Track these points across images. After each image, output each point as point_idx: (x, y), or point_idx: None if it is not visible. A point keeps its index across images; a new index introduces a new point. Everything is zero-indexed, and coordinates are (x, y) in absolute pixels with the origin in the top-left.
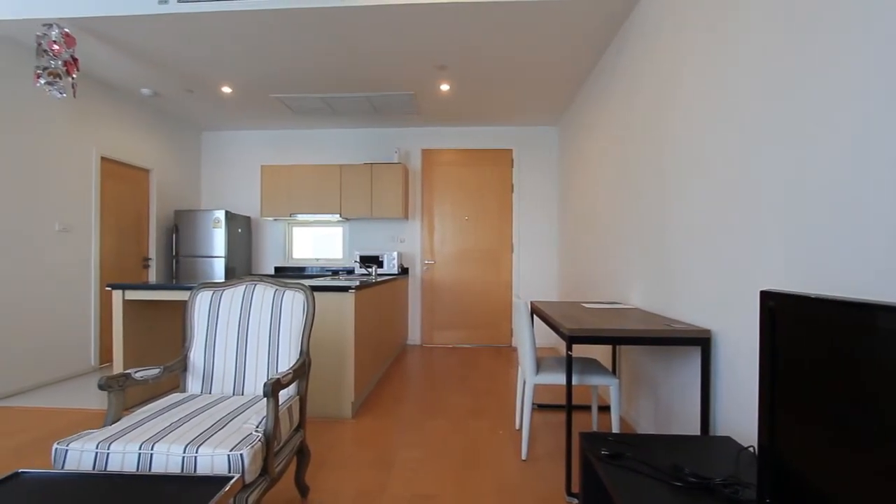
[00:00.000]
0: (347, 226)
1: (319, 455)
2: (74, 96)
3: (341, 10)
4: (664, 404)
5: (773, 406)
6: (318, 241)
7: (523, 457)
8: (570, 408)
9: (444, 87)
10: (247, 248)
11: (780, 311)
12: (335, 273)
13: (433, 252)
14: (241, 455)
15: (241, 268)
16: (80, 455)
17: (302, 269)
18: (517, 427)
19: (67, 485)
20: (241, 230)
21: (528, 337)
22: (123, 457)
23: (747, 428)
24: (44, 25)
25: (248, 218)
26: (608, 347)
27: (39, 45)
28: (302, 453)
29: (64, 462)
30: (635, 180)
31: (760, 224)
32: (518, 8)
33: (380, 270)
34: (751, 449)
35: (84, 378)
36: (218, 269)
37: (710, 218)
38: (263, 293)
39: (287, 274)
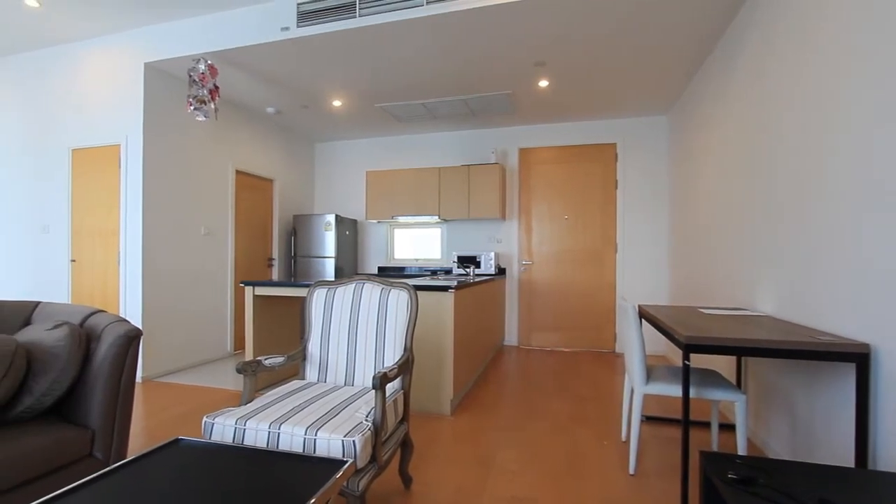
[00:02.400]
0: (445, 227)
1: (420, 448)
2: (216, 119)
3: (443, 16)
4: (803, 427)
5: None
6: (418, 242)
7: (631, 471)
8: (687, 422)
9: (543, 84)
10: (353, 249)
11: None
12: (434, 273)
13: (531, 252)
14: (354, 441)
15: (348, 267)
16: (223, 428)
17: (402, 269)
18: (623, 438)
19: (215, 452)
20: (349, 232)
21: (636, 343)
22: (256, 433)
23: None
24: (194, 60)
25: (355, 221)
26: (730, 359)
27: (190, 76)
28: (406, 445)
29: (211, 433)
30: (769, 172)
31: None
32: None
33: (477, 271)
34: None
35: (221, 362)
36: (329, 269)
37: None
38: (371, 291)
39: (389, 273)
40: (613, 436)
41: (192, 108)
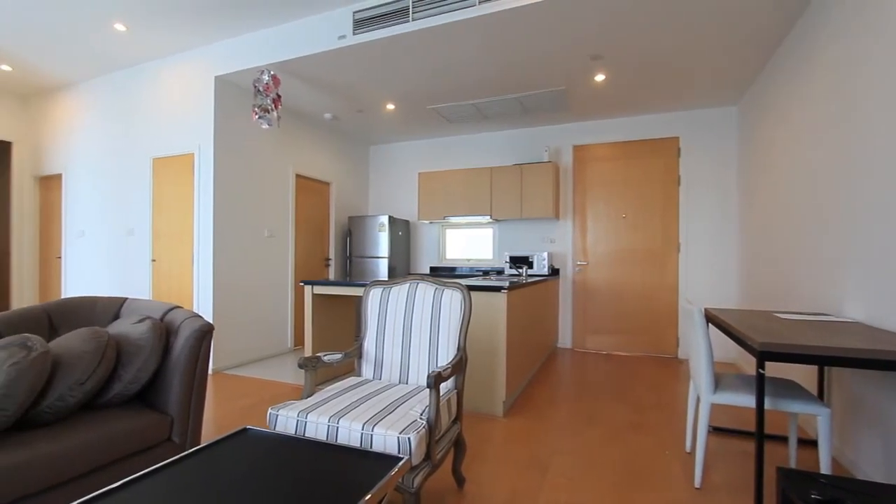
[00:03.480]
0: (497, 227)
1: (473, 449)
2: (278, 126)
3: (495, 15)
4: None
5: None
6: (469, 243)
7: (697, 484)
8: (761, 436)
9: (599, 78)
10: (406, 250)
11: None
12: (485, 273)
13: (586, 252)
14: (409, 439)
15: (400, 267)
16: (286, 420)
17: (453, 269)
18: (687, 449)
19: (279, 442)
20: (402, 233)
21: (703, 348)
22: (317, 426)
23: None
24: (258, 71)
25: (407, 222)
26: (811, 369)
27: (255, 87)
28: (459, 445)
29: (275, 424)
30: (863, 164)
31: None
32: None
33: (530, 271)
34: None
35: (282, 357)
36: (382, 269)
37: None
38: (425, 291)
39: (440, 273)
40: (677, 446)
41: (256, 116)
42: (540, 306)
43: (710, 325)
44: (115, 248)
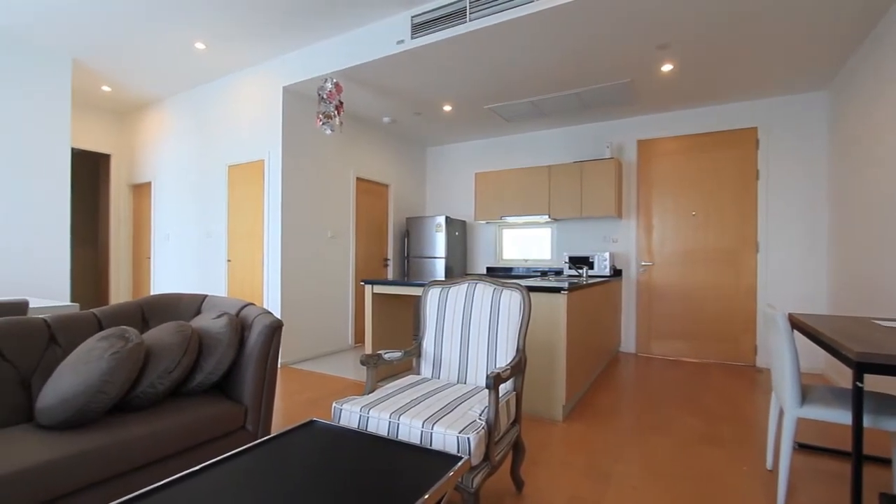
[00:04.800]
0: (555, 226)
1: (532, 452)
2: (340, 131)
3: (556, 9)
4: None
5: None
6: (526, 243)
7: None
8: (859, 456)
9: (666, 68)
10: (462, 250)
11: None
12: (543, 274)
13: (651, 253)
14: (469, 439)
15: (457, 267)
16: (349, 414)
17: (510, 269)
18: (768, 467)
19: (343, 435)
20: (458, 233)
21: (788, 357)
22: (378, 421)
23: None
24: (322, 80)
25: (464, 222)
26: None
27: (319, 94)
28: (517, 448)
29: (339, 417)
30: None
31: None
32: None
33: (590, 272)
34: None
35: (343, 353)
36: (439, 269)
37: None
38: (484, 291)
39: (497, 274)
40: (755, 462)
41: (320, 123)
42: (601, 308)
43: (795, 331)
44: (195, 250)
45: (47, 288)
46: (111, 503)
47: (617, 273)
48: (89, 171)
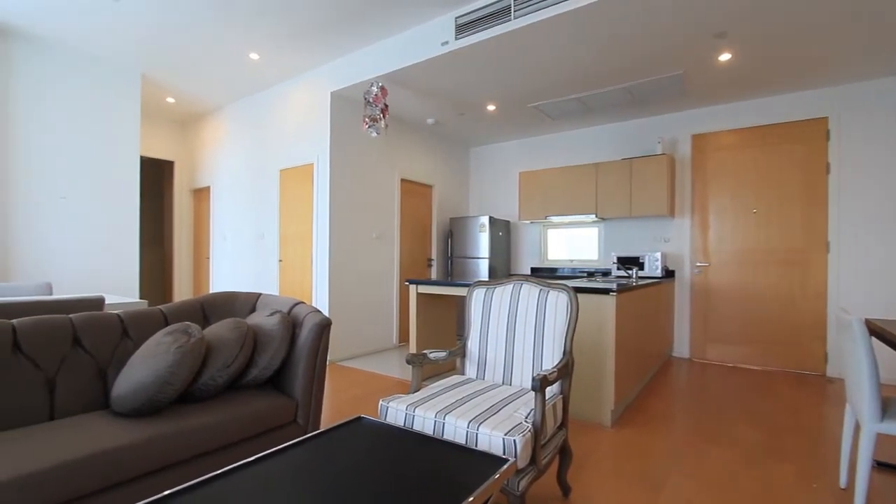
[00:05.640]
0: (603, 226)
1: (579, 457)
2: (385, 134)
3: (605, 1)
4: None
5: None
6: (572, 242)
7: None
8: None
9: (724, 58)
10: (506, 250)
11: None
12: (590, 275)
13: (707, 253)
14: (515, 441)
15: (501, 268)
16: (395, 412)
17: (555, 269)
18: (842, 485)
19: (390, 433)
20: (502, 233)
21: (866, 366)
22: (424, 420)
23: None
24: (368, 84)
25: (508, 222)
26: None
27: (365, 98)
28: (564, 452)
29: (385, 415)
30: None
31: None
32: None
33: (640, 273)
34: None
35: (388, 352)
36: (483, 269)
37: None
38: (529, 292)
39: (541, 274)
40: (827, 480)
41: (366, 126)
42: (652, 311)
43: (873, 338)
44: (250, 250)
45: (119, 285)
46: (174, 488)
47: (669, 274)
48: (155, 178)
